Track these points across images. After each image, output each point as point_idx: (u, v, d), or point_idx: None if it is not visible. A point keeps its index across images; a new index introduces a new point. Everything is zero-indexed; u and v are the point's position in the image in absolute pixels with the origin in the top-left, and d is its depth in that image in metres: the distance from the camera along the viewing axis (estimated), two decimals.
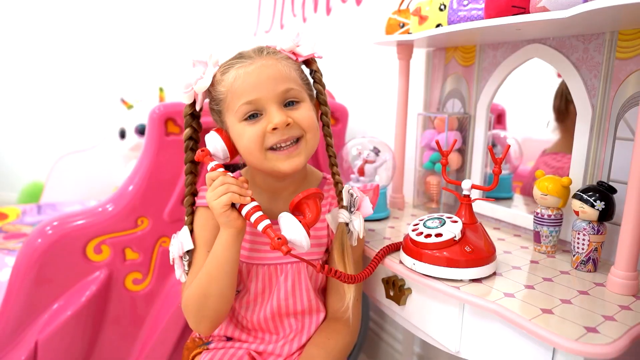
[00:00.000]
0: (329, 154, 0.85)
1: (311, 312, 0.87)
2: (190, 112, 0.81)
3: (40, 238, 1.06)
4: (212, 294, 0.76)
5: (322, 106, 0.83)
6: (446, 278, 0.72)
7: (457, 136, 1.08)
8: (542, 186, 0.82)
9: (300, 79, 0.78)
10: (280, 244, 0.66)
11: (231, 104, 0.75)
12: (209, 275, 0.76)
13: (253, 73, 0.74)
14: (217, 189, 0.71)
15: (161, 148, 1.11)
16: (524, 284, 0.71)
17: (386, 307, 0.88)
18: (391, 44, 1.11)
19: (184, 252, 0.82)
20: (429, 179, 1.13)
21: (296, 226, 0.68)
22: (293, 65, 0.78)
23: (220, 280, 0.75)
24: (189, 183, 0.83)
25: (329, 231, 0.86)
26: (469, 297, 0.67)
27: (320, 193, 0.72)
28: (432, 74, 1.19)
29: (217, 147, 0.78)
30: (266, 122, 0.74)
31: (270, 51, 0.77)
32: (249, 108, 0.74)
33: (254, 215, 0.71)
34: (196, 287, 0.77)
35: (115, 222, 1.10)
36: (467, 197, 0.78)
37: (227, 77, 0.75)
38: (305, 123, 0.76)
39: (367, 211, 0.83)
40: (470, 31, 0.88)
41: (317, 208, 0.72)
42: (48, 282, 1.07)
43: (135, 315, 1.18)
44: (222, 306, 0.78)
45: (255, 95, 0.73)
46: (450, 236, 0.72)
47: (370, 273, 0.78)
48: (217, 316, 0.79)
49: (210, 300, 0.77)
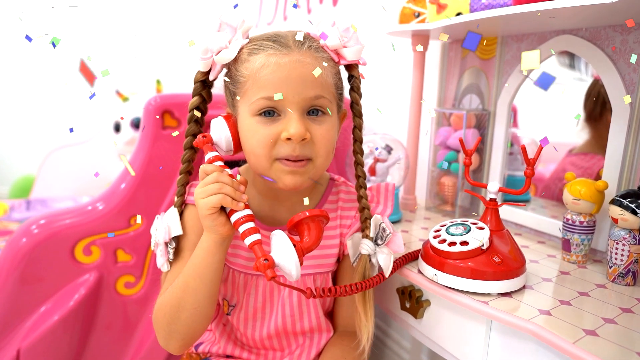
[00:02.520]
0: (357, 173, 0.75)
1: (320, 330, 0.79)
2: (203, 79, 0.70)
3: (24, 237, 0.98)
4: (187, 306, 0.66)
5: (356, 118, 0.73)
6: (472, 291, 0.65)
7: (475, 134, 1.00)
8: (574, 190, 0.75)
9: (335, 87, 0.68)
10: (265, 266, 0.56)
11: (249, 92, 0.65)
12: (185, 284, 0.66)
13: (285, 67, 0.63)
14: (208, 187, 0.62)
15: (157, 142, 1.03)
16: (559, 298, 0.64)
17: (401, 319, 0.81)
18: (405, 35, 1.04)
19: (171, 237, 0.71)
20: (443, 179, 1.06)
21: (288, 250, 0.57)
22: (333, 69, 0.67)
23: (197, 291, 0.65)
24: (186, 160, 0.73)
25: (342, 239, 0.78)
26: (499, 314, 0.60)
27: (325, 216, 0.62)
28: (448, 68, 1.11)
29: (221, 136, 0.69)
30: (281, 128, 0.64)
31: (314, 46, 0.66)
32: (267, 104, 0.64)
33: (243, 225, 0.61)
34: (169, 297, 0.68)
35: (106, 222, 1.02)
36: (494, 202, 0.71)
37: (254, 59, 0.64)
38: (321, 145, 0.66)
39: (399, 249, 0.72)
40: (494, 21, 0.81)
41: (318, 232, 0.61)
42: (33, 285, 0.99)
43: (127, 322, 1.10)
44: (196, 322, 0.67)
45: (282, 94, 0.63)
46: (477, 245, 0.65)
47: (381, 281, 0.70)
48: (190, 333, 0.69)
49: (184, 314, 0.66)
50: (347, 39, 0.67)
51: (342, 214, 0.78)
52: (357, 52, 0.68)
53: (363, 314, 0.71)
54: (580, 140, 1.03)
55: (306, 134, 0.63)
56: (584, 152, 1.03)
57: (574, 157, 0.99)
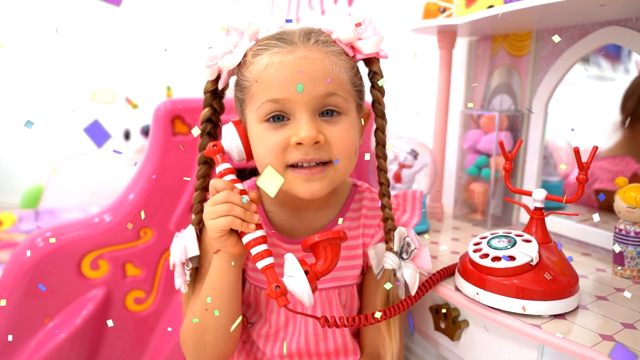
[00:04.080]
0: (380, 180, 0.67)
1: (347, 353, 0.72)
2: (212, 89, 0.65)
3: (29, 250, 0.93)
4: (210, 328, 0.64)
5: (379, 119, 0.66)
6: (519, 312, 0.57)
7: (508, 137, 0.93)
8: (628, 197, 0.67)
9: (351, 84, 0.61)
10: (277, 293, 0.53)
11: (255, 96, 0.59)
12: (205, 305, 0.63)
13: (290, 65, 0.56)
14: (217, 207, 0.56)
15: (167, 150, 0.98)
16: (620, 320, 0.56)
17: (434, 340, 0.73)
18: (431, 32, 0.97)
19: (187, 258, 0.67)
20: (472, 186, 0.98)
21: (298, 276, 0.54)
22: (346, 64, 0.60)
23: (218, 313, 0.62)
24: (202, 175, 0.68)
25: (365, 249, 0.71)
26: (555, 340, 0.53)
27: (341, 237, 0.56)
28: (475, 67, 1.04)
29: (232, 144, 0.63)
30: (292, 132, 0.57)
31: (321, 40, 0.59)
32: (274, 107, 0.58)
33: (254, 248, 0.57)
34: (191, 320, 0.65)
35: (115, 234, 0.96)
36: (541, 211, 0.63)
37: (257, 61, 0.58)
38: (339, 146, 0.59)
39: (426, 265, 0.64)
40: (530, 13, 0.74)
41: (334, 255, 0.56)
42: (38, 301, 0.94)
43: (138, 339, 1.04)
44: (222, 343, 0.65)
45: (285, 94, 0.57)
46: (526, 260, 0.58)
47: (407, 307, 0.63)
48: (219, 355, 0.67)
49: (209, 336, 0.64)
50: (363, 30, 0.60)
51: (365, 222, 0.71)
52: (374, 44, 0.61)
53: (387, 335, 0.65)
54: (608, 144, 0.95)
55: (319, 137, 0.57)
56: (613, 155, 0.96)
57: (602, 161, 0.91)
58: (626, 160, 0.91)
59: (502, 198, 0.95)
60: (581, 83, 0.91)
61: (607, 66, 0.89)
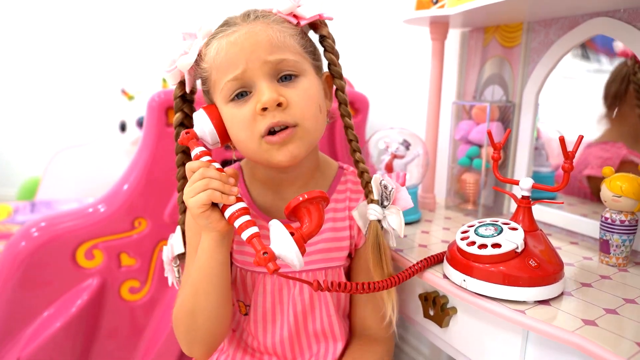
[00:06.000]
0: (349, 137, 0.70)
1: (335, 337, 0.74)
2: (181, 94, 0.69)
3: (24, 241, 0.94)
4: (200, 310, 0.64)
5: (337, 80, 0.69)
6: (505, 299, 0.58)
7: (499, 127, 0.94)
8: (614, 186, 0.68)
9: (301, 47, 0.64)
10: (265, 259, 0.52)
11: (216, 82, 0.63)
12: (194, 288, 0.64)
13: (237, 43, 0.60)
14: (195, 185, 0.58)
15: (161, 140, 0.98)
16: (604, 306, 0.57)
17: (423, 327, 0.75)
18: (423, 22, 0.97)
19: (174, 256, 0.73)
20: (464, 176, 0.99)
21: (285, 239, 0.53)
22: (290, 30, 0.63)
23: (207, 294, 0.64)
24: (181, 177, 0.71)
25: (353, 232, 0.73)
26: (539, 325, 0.54)
27: (324, 197, 0.57)
28: (468, 58, 1.05)
29: (205, 129, 0.65)
30: (255, 101, 0.61)
31: (260, 14, 0.63)
32: (235, 85, 0.61)
33: (238, 220, 0.57)
34: (182, 303, 0.67)
35: (109, 224, 0.97)
36: (527, 200, 0.64)
37: (209, 50, 0.62)
38: (302, 106, 0.62)
39: (406, 204, 0.66)
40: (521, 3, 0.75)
41: (318, 216, 0.57)
42: (33, 291, 0.95)
43: (132, 328, 1.05)
44: (214, 325, 0.66)
45: (240, 69, 0.60)
46: (511, 247, 0.59)
47: (405, 279, 0.65)
48: (210, 338, 0.67)
49: (200, 319, 0.65)
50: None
51: (350, 205, 0.73)
52: (314, 8, 0.64)
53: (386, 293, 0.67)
54: (600, 130, 0.96)
55: (280, 98, 0.60)
56: (604, 141, 0.96)
57: (594, 148, 0.92)
58: (617, 145, 0.91)
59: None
60: (579, 76, 0.92)
61: (605, 60, 0.89)
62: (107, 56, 2.76)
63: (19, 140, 2.86)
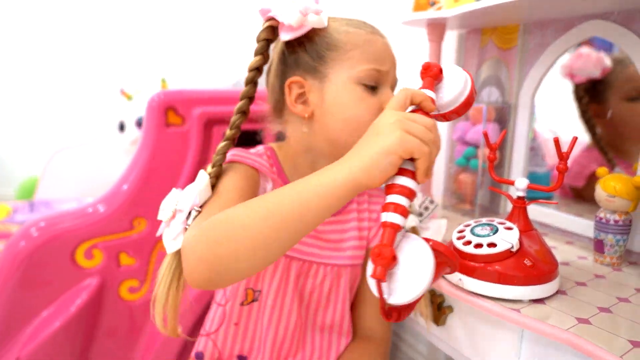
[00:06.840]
0: None
1: (340, 332, 0.75)
2: (265, 37, 0.63)
3: (23, 240, 0.94)
4: (268, 244, 0.49)
5: None
6: (501, 297, 0.59)
7: (496, 128, 0.95)
8: (607, 186, 0.69)
9: None
10: (385, 260, 0.42)
11: (354, 60, 0.64)
12: (280, 216, 0.48)
13: (387, 47, 0.68)
14: (419, 127, 0.47)
15: (161, 140, 0.99)
16: (597, 305, 0.58)
17: (420, 325, 0.75)
18: (420, 24, 0.98)
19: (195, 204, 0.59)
20: (461, 176, 1.00)
21: (426, 265, 0.43)
22: None
23: (293, 232, 0.49)
24: (236, 125, 0.64)
25: (370, 234, 0.76)
26: (533, 323, 0.54)
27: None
28: (465, 60, 1.06)
29: (455, 90, 0.55)
30: (383, 99, 0.65)
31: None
32: (376, 76, 0.65)
33: (394, 196, 0.46)
34: (235, 219, 0.50)
35: (109, 224, 0.98)
36: (522, 200, 0.65)
37: (355, 32, 0.66)
38: None
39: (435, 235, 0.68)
40: (517, 6, 0.76)
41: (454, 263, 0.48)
42: (32, 291, 0.95)
43: (132, 328, 1.05)
44: (261, 265, 0.51)
45: (386, 67, 0.66)
46: (507, 247, 0.59)
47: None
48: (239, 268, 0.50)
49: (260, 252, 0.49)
50: None
51: (369, 199, 0.77)
52: None
53: None
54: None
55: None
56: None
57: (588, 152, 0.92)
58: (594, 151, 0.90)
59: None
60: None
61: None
62: (106, 56, 2.76)
63: (17, 140, 2.86)
